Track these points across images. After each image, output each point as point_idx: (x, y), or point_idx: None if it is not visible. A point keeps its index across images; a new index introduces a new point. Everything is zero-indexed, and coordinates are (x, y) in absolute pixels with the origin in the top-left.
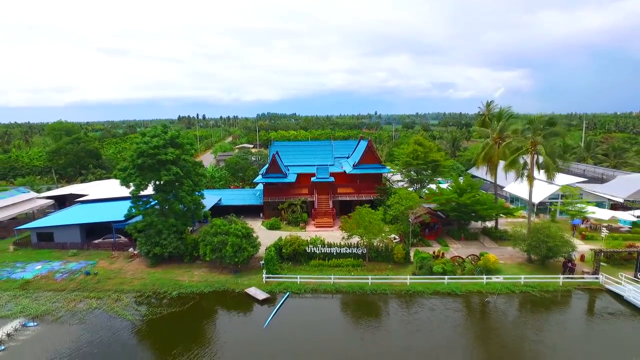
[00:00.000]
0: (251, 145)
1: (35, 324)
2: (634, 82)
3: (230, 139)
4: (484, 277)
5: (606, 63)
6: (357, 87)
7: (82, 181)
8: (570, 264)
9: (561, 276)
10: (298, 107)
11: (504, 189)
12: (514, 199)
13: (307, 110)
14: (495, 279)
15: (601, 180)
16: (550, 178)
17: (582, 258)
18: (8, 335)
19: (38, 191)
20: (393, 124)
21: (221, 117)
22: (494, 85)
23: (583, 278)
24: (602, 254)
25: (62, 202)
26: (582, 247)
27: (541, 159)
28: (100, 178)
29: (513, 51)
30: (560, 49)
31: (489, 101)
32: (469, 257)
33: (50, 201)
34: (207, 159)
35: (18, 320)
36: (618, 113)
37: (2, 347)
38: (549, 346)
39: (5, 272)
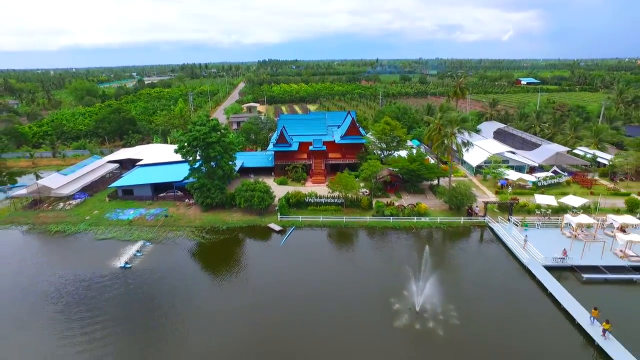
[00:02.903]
0: (257, 104)
1: (150, 244)
2: None
3: (236, 94)
4: (415, 218)
5: (623, 2)
6: (361, 29)
7: (124, 145)
8: (470, 210)
9: (462, 218)
10: (299, 50)
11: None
12: (463, 162)
13: (309, 54)
14: (422, 219)
15: (532, 147)
16: (460, 157)
17: (486, 206)
18: (140, 248)
19: (95, 154)
20: (391, 74)
21: (223, 66)
22: (503, 27)
23: (477, 219)
24: (496, 204)
25: (120, 164)
26: (493, 199)
27: (465, 137)
28: (139, 141)
29: None
30: None
31: (460, 74)
32: (409, 205)
33: (117, 165)
34: (219, 118)
35: (140, 242)
36: (626, 60)
37: (140, 254)
38: (441, 255)
39: (114, 215)
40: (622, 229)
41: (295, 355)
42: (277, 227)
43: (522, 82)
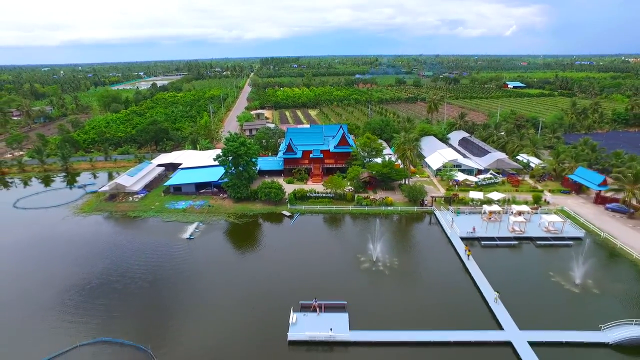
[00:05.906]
0: (265, 111)
1: (202, 224)
2: None
3: (244, 99)
4: (383, 207)
5: None
6: (363, 24)
7: (160, 150)
8: (421, 202)
9: (415, 207)
10: (301, 46)
11: (425, 159)
12: (427, 165)
13: (310, 50)
14: (389, 208)
15: (484, 153)
16: (415, 166)
17: (434, 199)
18: (197, 227)
19: (140, 160)
20: (390, 74)
21: (227, 65)
22: (505, 22)
23: (426, 207)
24: (442, 198)
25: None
26: (443, 194)
27: (419, 152)
28: (172, 148)
29: None
30: None
31: (434, 93)
32: (380, 198)
33: (163, 167)
34: (233, 124)
35: (196, 223)
36: (622, 58)
37: (198, 230)
38: (396, 230)
39: (171, 205)
40: (518, 214)
41: (298, 281)
42: (287, 214)
43: (509, 86)
